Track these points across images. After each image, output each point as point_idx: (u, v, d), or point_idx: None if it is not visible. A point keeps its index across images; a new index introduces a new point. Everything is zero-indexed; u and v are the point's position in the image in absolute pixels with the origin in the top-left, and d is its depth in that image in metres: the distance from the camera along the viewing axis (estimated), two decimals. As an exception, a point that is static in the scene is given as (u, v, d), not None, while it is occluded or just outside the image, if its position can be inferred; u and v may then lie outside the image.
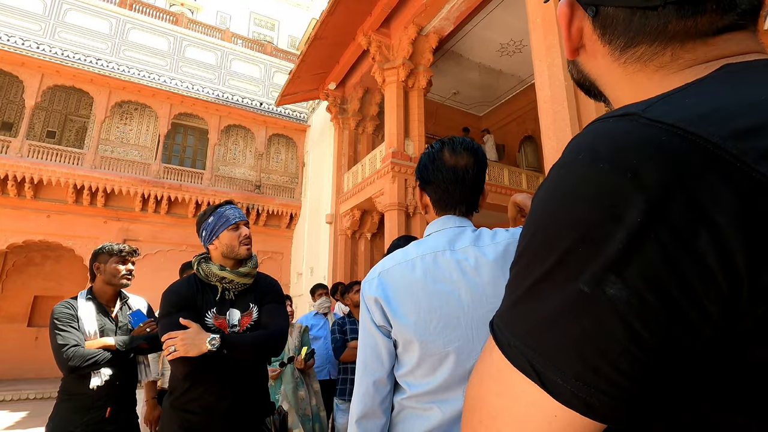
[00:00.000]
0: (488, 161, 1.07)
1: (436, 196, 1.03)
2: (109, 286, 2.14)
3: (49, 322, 1.97)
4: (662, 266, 0.25)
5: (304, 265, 11.03)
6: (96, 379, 1.88)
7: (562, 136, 3.77)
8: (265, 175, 12.53)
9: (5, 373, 9.58)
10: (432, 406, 0.91)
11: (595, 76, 0.41)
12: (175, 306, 1.54)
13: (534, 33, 4.31)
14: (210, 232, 1.71)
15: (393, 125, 7.53)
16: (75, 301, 2.07)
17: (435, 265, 0.94)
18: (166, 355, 1.44)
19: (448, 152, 1.01)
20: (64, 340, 1.88)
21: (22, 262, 10.99)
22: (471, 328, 0.88)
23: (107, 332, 2.05)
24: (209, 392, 1.54)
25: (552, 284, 0.28)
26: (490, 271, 0.90)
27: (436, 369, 0.90)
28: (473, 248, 0.93)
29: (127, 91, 10.50)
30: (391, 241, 6.89)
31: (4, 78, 10.60)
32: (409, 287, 0.94)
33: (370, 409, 0.96)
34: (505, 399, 0.30)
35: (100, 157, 10.07)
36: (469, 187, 1.00)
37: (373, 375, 0.97)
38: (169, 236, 10.77)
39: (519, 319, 0.30)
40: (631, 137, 0.28)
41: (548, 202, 0.31)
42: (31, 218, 9.56)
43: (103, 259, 2.13)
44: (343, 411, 3.19)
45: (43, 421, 6.01)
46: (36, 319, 11.06)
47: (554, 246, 0.28)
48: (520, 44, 8.91)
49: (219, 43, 12.22)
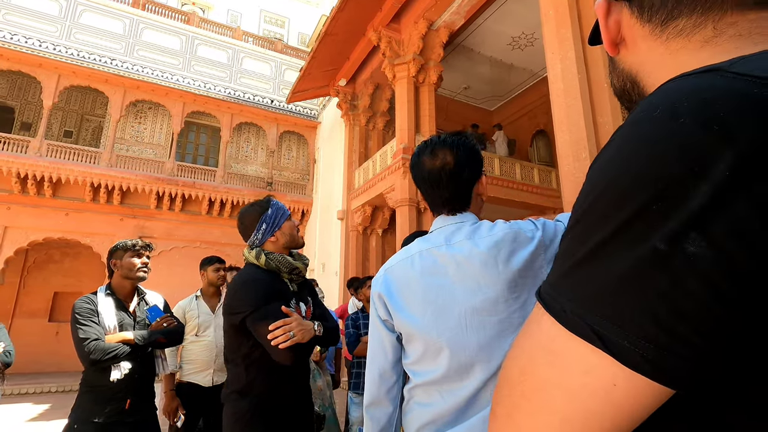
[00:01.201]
0: (500, 156, 1.08)
1: (425, 199, 1.08)
2: (127, 280, 2.20)
3: (70, 317, 2.04)
4: (753, 223, 0.23)
5: (316, 261, 11.12)
6: (116, 372, 1.94)
7: (576, 130, 3.73)
8: (276, 172, 12.63)
9: (28, 367, 9.86)
10: (435, 395, 0.94)
11: (637, 67, 0.40)
12: (268, 295, 1.53)
13: (546, 25, 4.26)
14: (272, 224, 1.66)
15: (404, 121, 7.52)
16: (95, 296, 2.13)
17: (431, 260, 0.98)
18: (277, 343, 1.39)
19: (427, 156, 1.03)
20: (86, 334, 1.93)
21: (42, 259, 11.28)
22: (464, 317, 0.91)
23: (126, 327, 2.11)
24: (291, 388, 1.58)
25: (620, 245, 0.27)
26: (480, 260, 0.92)
27: (435, 359, 0.94)
28: (467, 241, 0.95)
29: (141, 91, 10.67)
30: (402, 236, 6.90)
31: (23, 79, 10.84)
32: (408, 282, 0.99)
33: (376, 397, 1.03)
34: (557, 369, 0.29)
35: (116, 156, 10.26)
36: (449, 188, 1.01)
37: (378, 366, 1.04)
38: (184, 233, 10.94)
39: (578, 284, 0.29)
40: (718, 90, 0.26)
41: (615, 161, 0.29)
42: (51, 216, 9.80)
43: (119, 255, 2.20)
44: (357, 404, 3.23)
45: (65, 414, 6.20)
46: (56, 314, 11.37)
47: (623, 205, 0.27)
48: (532, 37, 8.80)
49: (230, 42, 12.31)
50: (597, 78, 3.86)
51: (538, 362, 0.30)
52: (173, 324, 2.23)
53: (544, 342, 0.30)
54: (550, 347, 0.30)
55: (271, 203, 1.69)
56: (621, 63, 0.42)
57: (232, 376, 1.57)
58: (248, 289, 1.53)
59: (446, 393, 0.93)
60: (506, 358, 0.35)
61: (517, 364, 0.32)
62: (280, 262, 1.62)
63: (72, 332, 1.98)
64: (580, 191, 0.32)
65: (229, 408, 1.53)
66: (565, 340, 0.29)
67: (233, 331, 1.54)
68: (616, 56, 0.42)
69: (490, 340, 0.89)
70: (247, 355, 1.52)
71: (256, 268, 1.62)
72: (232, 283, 1.65)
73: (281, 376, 1.53)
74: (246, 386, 1.51)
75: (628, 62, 0.41)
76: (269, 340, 1.40)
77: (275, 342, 1.39)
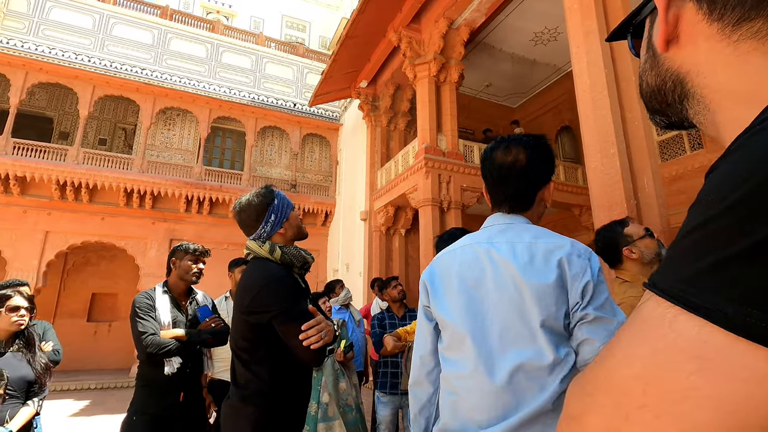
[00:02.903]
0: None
1: (489, 192, 1.11)
2: (182, 281, 2.33)
3: (107, 316, 2.17)
4: None
5: (340, 261, 11.22)
6: (168, 367, 2.08)
7: (603, 124, 3.64)
8: (300, 174, 12.82)
9: (68, 365, 10.33)
10: (458, 386, 0.98)
11: (688, 67, 0.38)
12: (297, 294, 1.50)
13: (571, 19, 4.18)
14: (280, 215, 1.58)
15: (425, 120, 7.51)
16: (153, 292, 2.26)
17: (472, 255, 1.02)
18: (309, 344, 1.36)
19: (500, 151, 1.05)
20: (144, 327, 2.07)
21: (80, 261, 11.82)
22: (491, 312, 0.95)
23: (179, 324, 2.23)
24: (307, 388, 1.57)
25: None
26: (515, 263, 0.94)
27: (460, 349, 0.99)
28: (507, 243, 0.98)
29: (169, 98, 11.03)
30: (426, 236, 6.89)
31: (60, 90, 11.39)
32: (447, 273, 1.04)
33: (418, 378, 1.13)
34: (710, 377, 0.26)
35: (147, 162, 10.64)
36: (514, 184, 1.03)
37: (419, 351, 1.12)
38: (212, 235, 11.25)
39: (741, 282, 0.26)
40: None
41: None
42: (88, 221, 10.26)
43: (180, 256, 2.33)
44: (384, 404, 3.25)
45: (104, 410, 6.43)
46: (94, 314, 11.88)
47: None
48: (555, 32, 8.63)
49: (253, 48, 12.58)
50: (624, 72, 3.76)
51: (679, 369, 0.27)
52: (220, 325, 2.34)
53: (686, 346, 0.27)
54: (698, 353, 0.26)
55: (275, 192, 1.60)
56: (667, 61, 0.39)
57: (247, 376, 1.47)
58: (276, 287, 1.45)
59: (465, 387, 0.96)
60: (599, 365, 0.31)
61: (630, 372, 0.29)
62: (294, 256, 1.55)
63: (131, 325, 2.11)
64: (719, 177, 0.29)
65: (247, 409, 1.44)
66: (725, 344, 0.25)
67: (254, 330, 1.47)
68: (663, 54, 0.39)
69: (514, 340, 0.91)
70: (266, 355, 1.47)
71: (270, 263, 1.53)
72: (249, 280, 1.51)
73: (300, 376, 1.52)
74: (267, 387, 1.44)
75: (678, 61, 0.38)
76: (299, 341, 1.35)
77: (308, 342, 1.35)
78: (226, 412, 1.51)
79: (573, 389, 0.35)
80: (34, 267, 9.49)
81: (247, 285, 1.50)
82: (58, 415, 6.75)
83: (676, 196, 6.75)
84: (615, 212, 3.29)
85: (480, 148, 8.00)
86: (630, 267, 1.74)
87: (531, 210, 1.06)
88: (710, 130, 0.39)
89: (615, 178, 3.46)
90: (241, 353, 1.50)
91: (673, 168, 6.99)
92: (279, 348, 1.44)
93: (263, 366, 1.46)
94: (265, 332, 1.44)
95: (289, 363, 1.47)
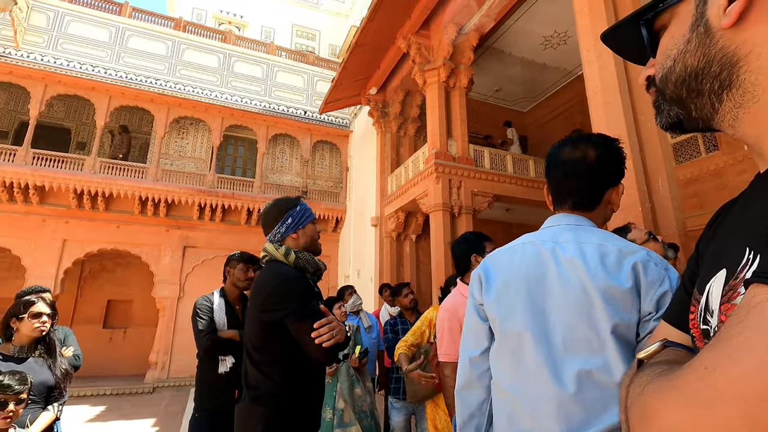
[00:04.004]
0: (535, 158, 1.07)
1: (551, 190, 1.06)
2: (235, 287, 2.55)
3: (192, 312, 2.47)
4: None
5: (351, 267, 11.23)
6: (222, 366, 2.31)
7: (615, 128, 3.61)
8: (311, 180, 12.91)
9: (84, 371, 10.48)
10: (514, 393, 0.91)
11: (749, 48, 0.35)
12: (310, 295, 1.54)
13: (581, 22, 4.16)
14: (297, 221, 1.64)
15: (435, 126, 7.52)
16: (212, 296, 2.51)
17: (534, 253, 0.97)
18: (320, 342, 1.39)
19: (568, 147, 1.01)
20: (203, 326, 2.32)
21: (96, 269, 12.04)
22: (557, 314, 0.89)
23: (232, 326, 2.44)
24: (321, 387, 1.59)
25: None
26: (583, 264, 0.88)
27: (518, 352, 0.92)
28: (574, 243, 0.93)
29: (183, 108, 11.24)
30: (437, 241, 6.87)
31: (78, 102, 11.68)
32: (503, 268, 1.00)
33: (467, 381, 1.05)
34: None
35: (161, 170, 10.83)
36: (581, 180, 0.99)
37: (468, 352, 1.05)
38: (224, 242, 11.36)
39: None
40: None
41: None
42: (104, 229, 10.45)
43: (233, 265, 2.55)
44: (398, 409, 3.23)
45: (120, 415, 6.51)
46: (110, 321, 12.08)
47: None
48: (565, 35, 8.60)
49: (264, 57, 12.76)
50: (636, 74, 3.72)
51: None
52: None
53: None
54: None
55: (300, 202, 1.69)
56: (724, 39, 0.36)
57: (258, 377, 1.48)
58: (289, 287, 1.49)
59: (519, 392, 0.89)
60: (717, 373, 0.28)
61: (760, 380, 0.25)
62: (308, 261, 1.61)
63: (192, 324, 2.38)
64: None
65: (258, 409, 1.45)
66: None
67: (266, 329, 1.49)
68: (722, 31, 0.36)
69: (580, 346, 0.85)
70: (279, 354, 1.48)
71: (284, 265, 1.57)
72: (265, 279, 1.56)
73: (312, 377, 1.53)
74: (278, 388, 1.46)
75: (740, 40, 0.35)
76: (312, 339, 1.37)
77: (320, 340, 1.37)
78: (238, 414, 1.53)
79: (670, 399, 0.31)
80: (52, 274, 9.69)
81: (262, 284, 1.56)
82: (75, 420, 6.84)
83: (691, 199, 6.64)
84: (629, 215, 3.25)
85: (490, 153, 7.98)
86: None
87: (596, 210, 1.01)
88: (745, 128, 0.37)
89: (628, 181, 3.42)
90: (253, 353, 1.52)
91: (688, 170, 6.87)
92: (291, 348, 1.46)
93: (275, 367, 1.48)
94: (277, 331, 1.46)
95: (301, 364, 1.48)
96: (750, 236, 0.38)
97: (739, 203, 0.46)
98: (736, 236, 0.42)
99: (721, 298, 0.39)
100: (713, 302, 0.41)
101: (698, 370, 0.29)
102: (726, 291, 0.39)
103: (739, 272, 0.37)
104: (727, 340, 0.28)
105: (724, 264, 0.41)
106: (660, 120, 0.45)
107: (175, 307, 10.46)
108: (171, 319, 10.38)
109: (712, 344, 0.29)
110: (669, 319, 0.57)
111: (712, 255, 0.48)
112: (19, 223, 9.77)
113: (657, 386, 0.34)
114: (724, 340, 0.28)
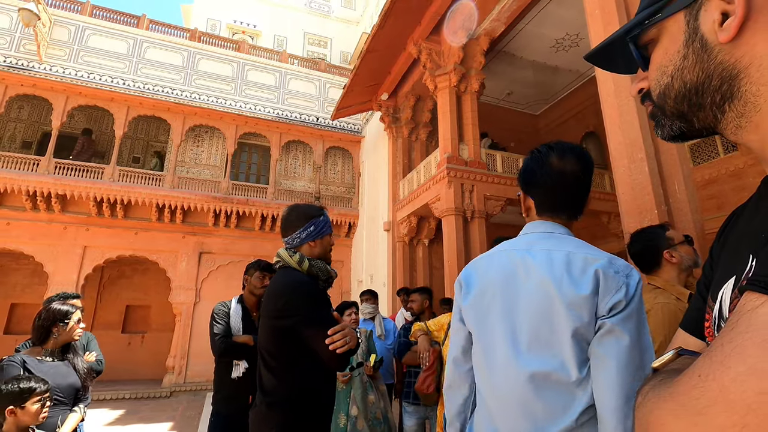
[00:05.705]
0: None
1: (541, 200, 1.07)
2: (252, 295, 2.63)
3: (209, 317, 2.57)
4: None
5: (364, 272, 11.26)
6: (236, 371, 2.38)
7: (630, 130, 3.58)
8: (323, 186, 13.02)
9: (104, 375, 10.60)
10: (483, 392, 0.98)
11: (749, 60, 0.35)
12: (322, 301, 1.57)
13: (592, 25, 4.15)
14: (318, 230, 1.67)
15: (447, 130, 7.53)
16: (229, 302, 2.60)
17: (507, 260, 1.02)
18: (334, 348, 1.40)
19: (556, 157, 1.03)
20: (219, 330, 2.42)
21: (115, 275, 12.31)
22: (523, 318, 0.95)
23: (247, 332, 2.51)
24: (329, 397, 1.59)
25: None
26: (549, 272, 0.93)
27: (487, 354, 0.99)
28: (544, 251, 0.97)
29: (198, 116, 11.47)
30: (450, 246, 6.87)
31: (98, 112, 12.01)
32: (480, 275, 1.06)
33: (452, 380, 1.13)
34: None
35: (178, 178, 11.05)
36: (572, 191, 1.04)
37: (452, 353, 1.14)
38: (239, 248, 11.51)
39: None
40: None
41: None
42: (122, 236, 10.70)
43: (251, 273, 2.63)
44: (410, 413, 3.23)
45: (139, 419, 6.65)
46: (128, 326, 12.32)
47: None
48: (577, 38, 8.54)
49: (277, 65, 12.96)
50: (650, 75, 3.69)
51: None
52: None
53: None
54: None
55: (324, 212, 1.74)
56: (723, 54, 0.37)
57: (273, 382, 1.49)
58: (301, 293, 1.50)
59: (499, 386, 0.95)
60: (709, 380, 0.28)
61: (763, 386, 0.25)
62: (320, 269, 1.63)
63: (210, 328, 2.48)
64: None
65: (273, 415, 1.45)
66: None
67: (279, 335, 1.50)
68: (720, 45, 0.36)
69: (541, 348, 0.91)
70: (293, 361, 1.49)
71: (297, 272, 1.59)
72: (278, 286, 1.58)
73: (325, 384, 1.55)
74: (293, 394, 1.46)
75: (738, 53, 0.35)
76: (323, 345, 1.38)
77: (334, 346, 1.38)
78: (252, 420, 1.54)
79: (668, 407, 0.31)
80: (73, 281, 9.93)
81: (275, 290, 1.57)
82: (96, 423, 6.98)
83: (709, 200, 6.50)
84: (645, 219, 3.21)
85: (503, 157, 7.95)
86: (666, 272, 1.70)
87: (578, 219, 1.06)
88: (748, 135, 0.37)
89: (644, 184, 3.38)
90: (268, 359, 1.53)
91: (706, 172, 6.74)
92: (305, 355, 1.47)
93: (289, 373, 1.49)
94: (291, 337, 1.48)
95: (315, 370, 1.50)
96: (753, 242, 0.38)
97: (749, 208, 0.47)
98: (743, 242, 0.42)
99: (729, 305, 0.40)
100: (725, 309, 0.41)
101: (693, 377, 0.30)
102: (733, 298, 0.39)
103: (743, 279, 0.37)
104: (719, 348, 0.28)
105: (733, 270, 0.41)
106: (661, 133, 0.45)
107: (192, 312, 10.63)
108: (187, 324, 10.54)
109: (707, 352, 0.30)
110: (686, 327, 0.57)
111: (723, 262, 0.48)
112: (42, 231, 10.06)
113: (657, 395, 0.34)
114: (717, 348, 0.29)
